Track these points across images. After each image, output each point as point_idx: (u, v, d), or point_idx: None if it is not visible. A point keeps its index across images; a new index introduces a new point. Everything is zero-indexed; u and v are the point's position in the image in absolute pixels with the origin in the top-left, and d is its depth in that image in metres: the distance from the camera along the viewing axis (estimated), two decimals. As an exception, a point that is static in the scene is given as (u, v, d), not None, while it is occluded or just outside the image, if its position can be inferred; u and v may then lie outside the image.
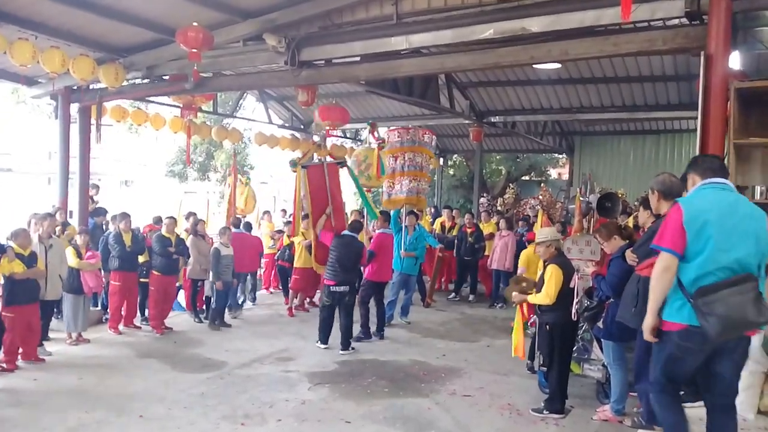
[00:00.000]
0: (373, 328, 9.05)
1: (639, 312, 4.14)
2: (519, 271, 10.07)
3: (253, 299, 11.51)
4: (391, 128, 11.07)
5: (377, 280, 9.36)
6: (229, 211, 12.20)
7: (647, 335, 3.72)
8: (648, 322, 3.69)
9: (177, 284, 9.89)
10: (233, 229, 10.36)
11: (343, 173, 10.04)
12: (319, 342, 8.42)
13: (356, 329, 8.70)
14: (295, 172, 9.39)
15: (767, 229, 3.63)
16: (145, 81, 9.92)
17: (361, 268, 9.30)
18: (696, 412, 4.15)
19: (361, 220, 10.75)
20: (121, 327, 9.07)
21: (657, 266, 3.61)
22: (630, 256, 5.02)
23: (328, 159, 10.45)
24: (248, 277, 11.22)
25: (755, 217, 3.64)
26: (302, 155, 10.53)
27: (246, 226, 11.04)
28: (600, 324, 5.50)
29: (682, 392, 4.50)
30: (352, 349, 8.24)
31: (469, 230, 12.31)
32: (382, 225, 10.00)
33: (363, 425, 5.62)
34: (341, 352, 8.12)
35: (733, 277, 3.45)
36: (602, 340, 5.56)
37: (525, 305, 6.46)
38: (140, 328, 9.23)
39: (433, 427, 5.61)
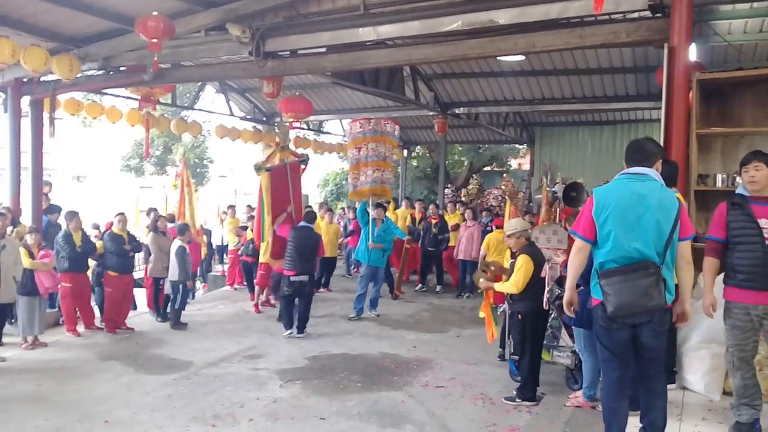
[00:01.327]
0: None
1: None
2: (481, 254, 10.21)
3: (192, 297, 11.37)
4: (354, 119, 10.98)
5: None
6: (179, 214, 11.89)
7: (566, 308, 4.22)
8: (566, 296, 4.18)
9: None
10: (168, 225, 10.28)
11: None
12: (285, 331, 8.65)
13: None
14: (259, 176, 9.56)
15: (675, 218, 3.86)
16: (102, 72, 9.56)
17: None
18: (668, 394, 4.24)
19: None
20: (80, 329, 8.79)
21: (572, 248, 4.08)
22: None
23: (291, 159, 10.40)
24: None
25: (663, 206, 3.86)
26: (265, 158, 10.42)
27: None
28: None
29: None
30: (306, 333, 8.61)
31: (433, 221, 12.35)
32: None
33: (337, 421, 5.54)
34: (298, 335, 8.54)
35: (630, 264, 3.81)
36: (573, 327, 5.60)
37: (492, 292, 6.47)
38: (102, 329, 8.94)
39: (408, 420, 5.57)
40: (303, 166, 10.22)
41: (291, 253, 8.68)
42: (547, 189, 9.41)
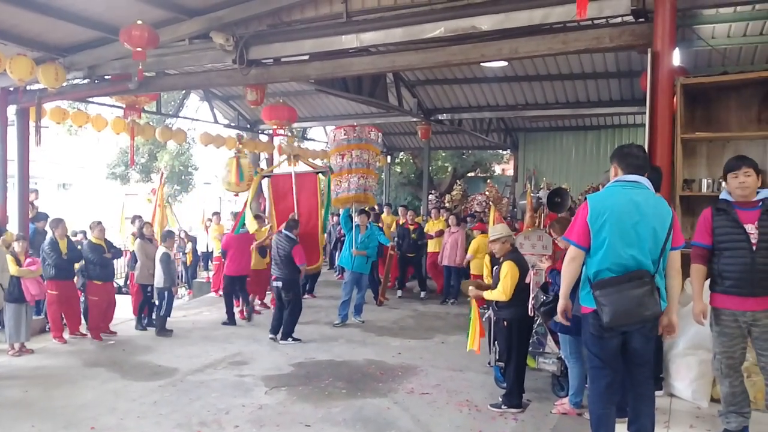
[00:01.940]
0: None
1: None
2: (467, 258, 10.23)
3: None
4: (337, 126, 11.02)
5: (232, 275, 10.11)
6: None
7: (560, 317, 4.16)
8: (560, 305, 4.13)
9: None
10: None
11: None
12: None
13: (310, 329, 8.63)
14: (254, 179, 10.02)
15: (669, 226, 3.87)
16: (87, 81, 9.56)
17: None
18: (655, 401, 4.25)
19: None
20: (66, 335, 8.76)
21: (566, 256, 4.02)
22: None
23: (306, 169, 10.43)
24: None
25: (659, 215, 3.86)
26: (268, 166, 10.60)
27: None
28: (556, 318, 5.58)
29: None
30: (293, 339, 8.70)
31: (411, 227, 12.42)
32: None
33: (323, 428, 5.56)
34: (280, 341, 8.68)
35: (625, 273, 3.78)
36: (559, 333, 5.63)
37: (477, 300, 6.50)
38: (86, 335, 8.91)
39: (393, 427, 5.60)
40: (321, 177, 10.33)
41: (273, 258, 9.11)
42: (532, 194, 9.48)
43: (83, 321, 9.20)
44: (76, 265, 9.09)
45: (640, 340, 3.91)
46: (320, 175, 10.59)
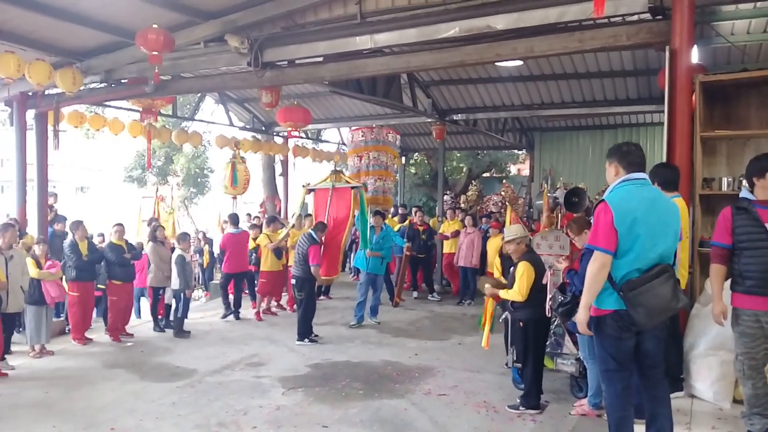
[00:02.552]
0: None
1: None
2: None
3: None
4: (354, 128, 11.02)
5: (230, 272, 10.60)
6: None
7: (582, 328, 3.95)
8: (581, 316, 3.91)
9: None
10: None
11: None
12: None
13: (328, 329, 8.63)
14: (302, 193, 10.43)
15: (679, 219, 3.92)
16: (104, 85, 9.65)
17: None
18: (675, 402, 4.20)
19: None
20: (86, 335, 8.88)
21: (593, 265, 3.79)
22: None
23: (344, 184, 10.51)
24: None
25: (671, 210, 3.91)
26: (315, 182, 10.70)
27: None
28: (575, 319, 5.54)
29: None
30: (310, 340, 8.78)
31: (420, 228, 12.41)
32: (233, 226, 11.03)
33: (340, 429, 5.56)
34: (296, 342, 8.74)
35: (650, 271, 3.74)
36: (577, 334, 5.59)
37: (491, 300, 6.47)
38: (91, 340, 8.92)
39: (411, 428, 5.58)
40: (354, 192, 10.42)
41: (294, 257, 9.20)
42: (549, 195, 9.43)
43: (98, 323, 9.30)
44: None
45: (653, 341, 3.90)
46: (353, 190, 10.61)
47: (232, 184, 12.45)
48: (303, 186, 10.43)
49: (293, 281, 9.12)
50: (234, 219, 11.19)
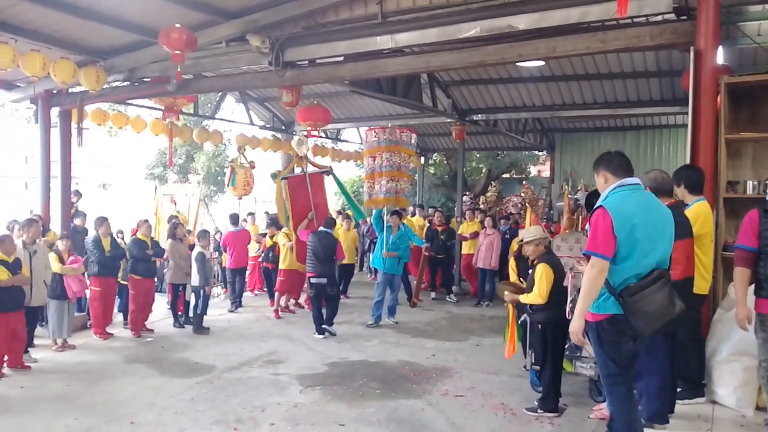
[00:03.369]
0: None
1: None
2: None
3: None
4: (368, 128, 11.03)
5: (233, 268, 11.33)
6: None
7: (577, 337, 3.83)
8: (576, 324, 3.80)
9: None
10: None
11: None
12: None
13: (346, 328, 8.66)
14: (275, 183, 10.70)
15: (672, 222, 3.86)
16: (127, 83, 9.77)
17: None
18: (696, 408, 4.15)
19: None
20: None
21: (591, 271, 3.70)
22: None
23: (313, 169, 11.00)
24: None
25: (666, 215, 3.86)
26: (282, 168, 10.98)
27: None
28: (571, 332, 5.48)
29: (679, 389, 4.51)
30: (330, 334, 9.09)
31: (439, 228, 12.37)
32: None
33: (357, 428, 5.57)
34: (317, 335, 9.04)
35: (647, 276, 3.69)
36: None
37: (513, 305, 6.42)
38: (112, 335, 9.03)
39: (428, 428, 5.57)
40: (327, 175, 10.69)
41: (310, 257, 9.27)
42: (569, 196, 9.36)
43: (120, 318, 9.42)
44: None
45: (641, 343, 3.89)
46: (324, 174, 11.21)
47: (230, 185, 12.56)
48: (274, 175, 10.82)
49: (322, 280, 9.18)
50: (234, 218, 11.91)
